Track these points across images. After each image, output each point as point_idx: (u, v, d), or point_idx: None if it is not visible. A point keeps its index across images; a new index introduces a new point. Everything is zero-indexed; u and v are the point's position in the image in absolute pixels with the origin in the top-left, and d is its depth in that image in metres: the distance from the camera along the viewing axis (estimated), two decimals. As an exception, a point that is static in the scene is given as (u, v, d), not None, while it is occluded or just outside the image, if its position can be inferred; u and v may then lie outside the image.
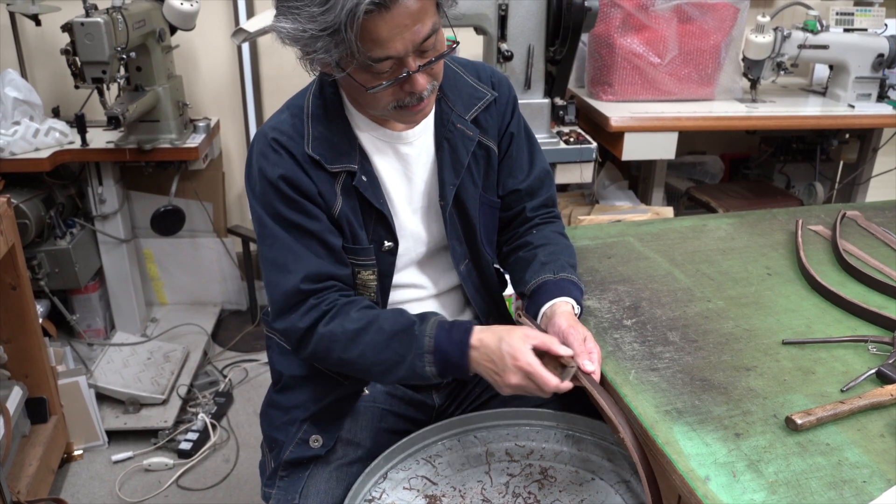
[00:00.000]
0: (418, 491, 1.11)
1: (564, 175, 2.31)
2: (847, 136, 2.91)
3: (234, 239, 2.94)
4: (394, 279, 1.24)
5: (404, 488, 1.12)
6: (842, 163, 3.08)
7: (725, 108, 2.60)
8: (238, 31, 2.25)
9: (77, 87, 2.16)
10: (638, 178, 2.84)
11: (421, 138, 1.21)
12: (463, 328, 1.07)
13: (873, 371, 1.05)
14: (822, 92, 2.85)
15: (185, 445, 2.26)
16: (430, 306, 1.29)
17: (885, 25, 2.67)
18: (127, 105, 2.19)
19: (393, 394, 1.31)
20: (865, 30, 2.65)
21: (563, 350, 1.03)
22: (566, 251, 1.27)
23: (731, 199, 2.80)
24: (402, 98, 1.06)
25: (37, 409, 2.07)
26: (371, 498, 1.10)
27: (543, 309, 1.15)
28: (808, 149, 3.00)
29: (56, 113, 2.50)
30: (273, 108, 1.27)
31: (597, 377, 1.04)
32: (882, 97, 2.68)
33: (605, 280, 1.36)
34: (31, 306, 2.00)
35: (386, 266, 1.21)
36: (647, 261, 1.44)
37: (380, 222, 1.18)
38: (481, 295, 1.31)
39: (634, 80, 2.57)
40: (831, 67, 2.75)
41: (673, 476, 0.89)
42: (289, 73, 2.29)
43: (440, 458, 1.17)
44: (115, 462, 2.24)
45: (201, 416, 2.37)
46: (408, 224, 1.22)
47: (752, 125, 2.61)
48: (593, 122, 2.55)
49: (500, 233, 1.34)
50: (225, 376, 2.66)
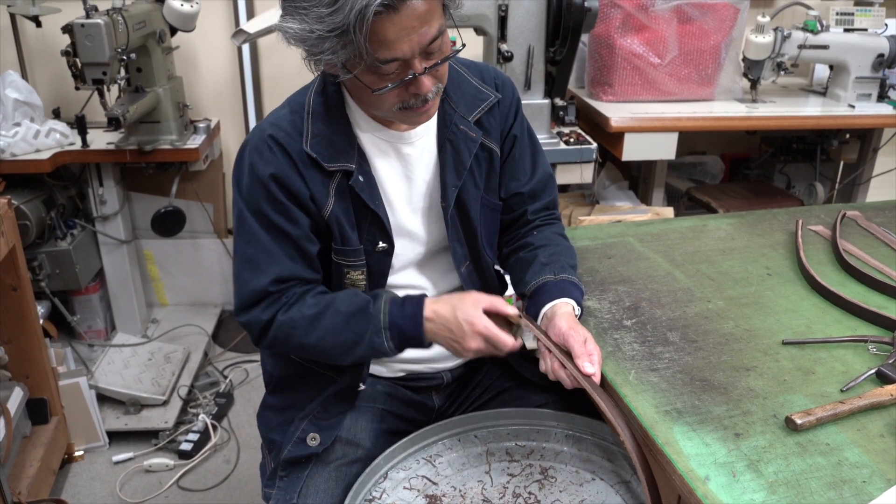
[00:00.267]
0: (418, 491, 1.11)
1: (565, 175, 2.31)
2: (847, 136, 2.91)
3: (234, 240, 2.94)
4: (393, 280, 1.24)
5: (404, 488, 1.12)
6: (842, 163, 3.08)
7: (725, 108, 2.60)
8: (238, 32, 2.25)
9: (77, 89, 2.16)
10: (638, 179, 2.84)
11: (423, 139, 1.20)
12: (415, 301, 1.12)
13: (873, 371, 1.05)
14: (823, 92, 2.85)
15: (186, 446, 2.26)
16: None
17: (886, 25, 2.67)
18: (127, 106, 2.19)
19: (393, 395, 1.31)
20: (865, 30, 2.65)
21: (511, 310, 1.11)
22: (566, 252, 1.27)
23: (731, 200, 2.80)
24: (408, 99, 1.06)
25: (38, 410, 2.07)
26: (371, 498, 1.10)
27: (544, 310, 1.15)
28: (809, 149, 3.00)
29: (56, 114, 2.50)
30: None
31: (597, 379, 1.04)
32: (882, 97, 2.67)
33: (605, 280, 1.36)
34: (32, 307, 2.00)
35: (380, 266, 1.21)
36: (647, 261, 1.44)
37: (374, 223, 1.18)
38: (481, 297, 1.31)
39: (634, 81, 2.57)
40: (831, 67, 2.75)
41: (673, 476, 0.89)
42: (289, 74, 2.30)
43: (440, 458, 1.17)
44: (116, 463, 2.24)
45: (202, 416, 2.37)
46: (406, 225, 1.22)
47: (753, 125, 2.61)
48: (593, 123, 2.55)
49: (501, 234, 1.34)
50: (225, 377, 2.66)
